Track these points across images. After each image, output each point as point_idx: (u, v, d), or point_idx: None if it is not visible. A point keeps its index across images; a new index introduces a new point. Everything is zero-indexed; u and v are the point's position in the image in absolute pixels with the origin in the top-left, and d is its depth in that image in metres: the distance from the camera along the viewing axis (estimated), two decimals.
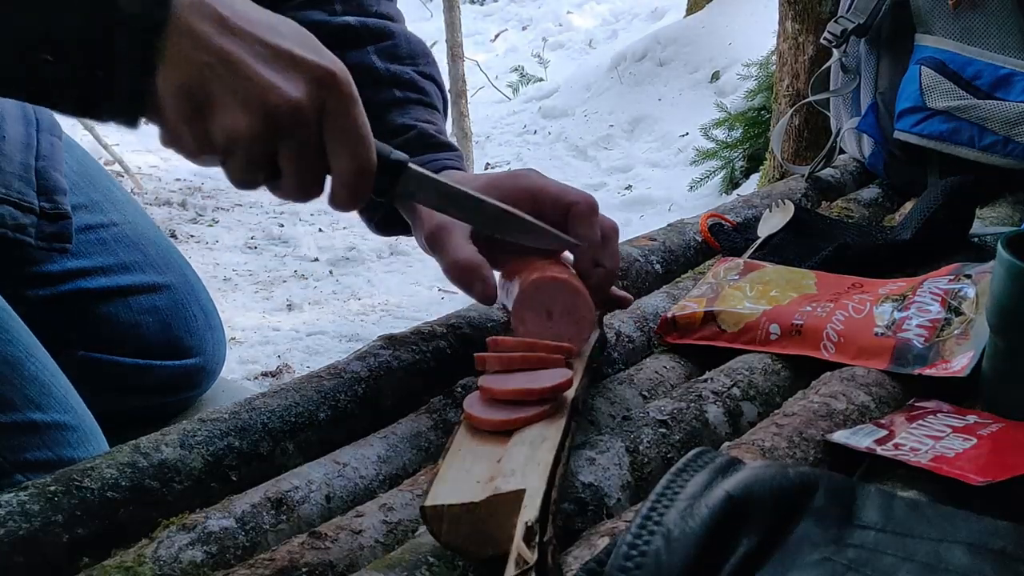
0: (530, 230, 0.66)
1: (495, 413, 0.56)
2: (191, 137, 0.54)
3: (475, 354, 0.61)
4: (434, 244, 0.68)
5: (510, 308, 0.65)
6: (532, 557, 0.44)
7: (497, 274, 0.69)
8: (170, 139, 0.55)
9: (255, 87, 0.53)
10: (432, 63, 0.84)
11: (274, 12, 0.59)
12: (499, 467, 0.51)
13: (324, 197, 0.60)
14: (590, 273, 0.68)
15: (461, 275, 0.66)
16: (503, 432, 0.55)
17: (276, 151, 0.56)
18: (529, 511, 0.46)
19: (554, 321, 0.63)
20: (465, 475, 0.51)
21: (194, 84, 0.53)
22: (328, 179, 0.59)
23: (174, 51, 0.52)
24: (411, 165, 0.62)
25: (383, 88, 0.80)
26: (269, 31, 0.54)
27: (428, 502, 0.49)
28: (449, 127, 5.26)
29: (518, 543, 0.45)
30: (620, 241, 0.93)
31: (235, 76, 0.53)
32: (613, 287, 0.72)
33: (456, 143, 5.13)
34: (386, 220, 0.77)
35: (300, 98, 0.54)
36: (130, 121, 0.54)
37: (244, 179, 0.57)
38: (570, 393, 0.58)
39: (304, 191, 0.58)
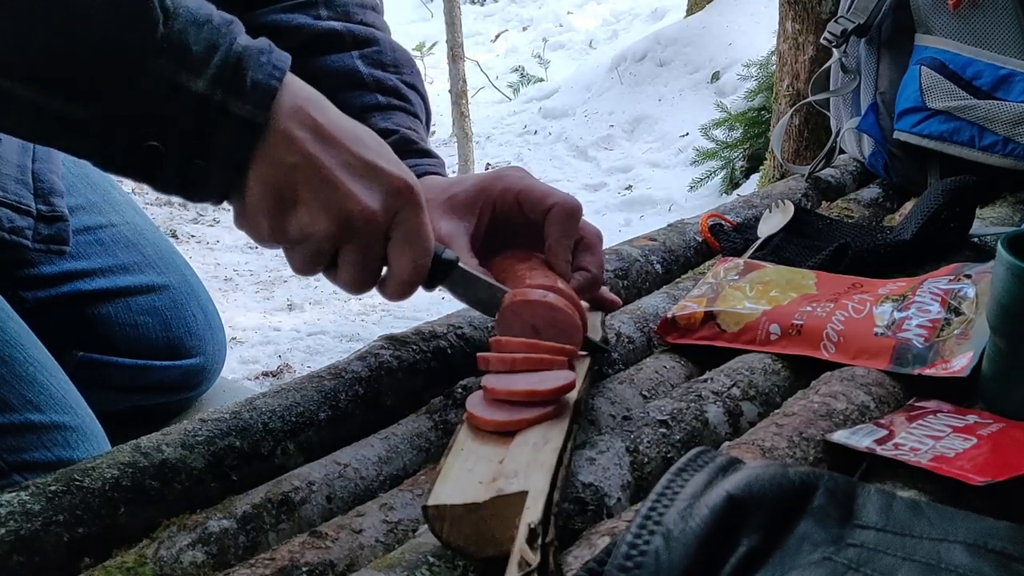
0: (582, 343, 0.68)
1: (498, 413, 0.56)
2: (269, 227, 0.58)
3: (478, 354, 0.61)
4: None
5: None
6: (535, 559, 0.44)
7: None
8: (246, 223, 0.59)
9: (339, 194, 0.57)
10: (416, 74, 0.85)
11: (254, 15, 0.60)
12: (501, 468, 0.51)
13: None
14: (566, 276, 0.69)
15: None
16: (505, 432, 0.55)
17: (341, 248, 0.59)
18: (532, 513, 0.46)
19: (541, 334, 0.64)
20: (467, 475, 0.51)
21: (283, 183, 0.56)
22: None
23: (270, 152, 0.55)
24: (460, 264, 0.65)
25: (366, 92, 0.80)
26: (356, 142, 0.58)
27: (430, 501, 0.49)
28: (450, 127, 5.24)
29: (521, 545, 0.45)
30: (621, 242, 0.94)
31: (321, 181, 0.57)
32: (604, 290, 0.73)
33: (456, 143, 5.11)
34: None
35: (377, 209, 0.58)
36: (216, 202, 0.58)
37: (305, 268, 0.61)
38: (573, 395, 0.58)
39: (359, 285, 0.62)
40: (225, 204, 0.58)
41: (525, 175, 0.72)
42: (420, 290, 0.64)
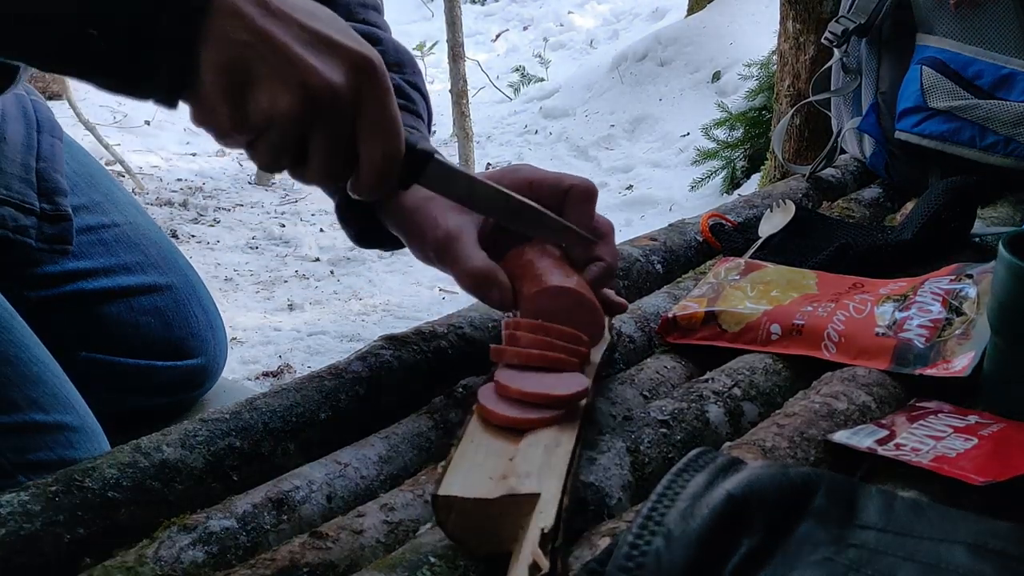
0: (550, 225, 0.66)
1: (509, 409, 0.56)
2: (227, 115, 0.55)
3: (492, 346, 0.61)
4: (443, 254, 0.67)
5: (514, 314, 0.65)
6: (547, 564, 0.44)
7: None
8: (204, 117, 0.56)
9: (296, 68, 0.54)
10: (418, 74, 0.85)
11: None
12: (512, 466, 0.51)
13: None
14: (585, 265, 0.68)
15: (479, 284, 0.66)
16: (515, 428, 0.55)
17: (307, 135, 0.57)
18: (545, 517, 0.46)
19: (562, 323, 0.63)
20: (478, 469, 0.51)
21: (236, 63, 0.53)
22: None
23: (218, 31, 0.53)
24: (438, 156, 0.62)
25: None
26: (309, 16, 0.56)
27: (441, 491, 0.48)
28: (450, 127, 5.23)
29: (534, 549, 0.45)
30: (621, 241, 0.94)
31: (277, 57, 0.54)
32: (612, 292, 0.72)
33: (457, 143, 5.10)
34: (366, 232, 0.76)
35: (339, 82, 0.55)
36: (169, 99, 0.55)
37: (271, 161, 0.58)
38: (583, 401, 0.58)
39: (331, 175, 0.59)
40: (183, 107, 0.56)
41: (535, 168, 0.71)
42: (420, 291, 0.63)
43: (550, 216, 0.66)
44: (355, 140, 0.58)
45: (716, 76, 5.05)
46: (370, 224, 0.73)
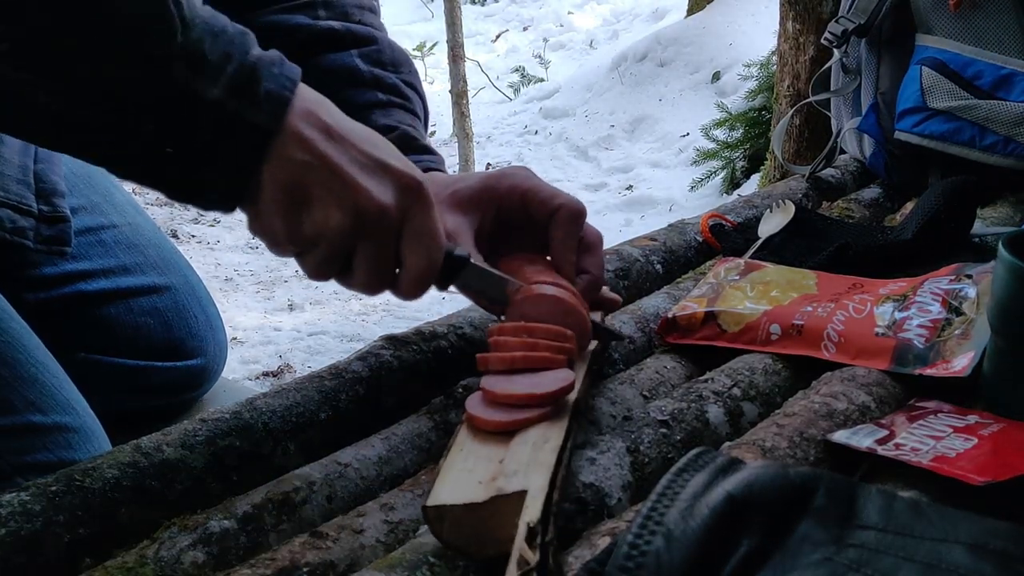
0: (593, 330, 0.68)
1: (497, 414, 0.56)
2: (283, 228, 0.58)
3: (477, 355, 0.61)
4: None
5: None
6: (534, 558, 0.44)
7: None
8: (260, 228, 0.59)
9: (350, 189, 0.58)
10: (414, 73, 0.85)
11: (253, 16, 0.60)
12: (501, 467, 0.51)
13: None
14: (572, 280, 0.69)
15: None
16: (505, 432, 0.55)
17: (354, 248, 0.60)
18: (531, 512, 0.46)
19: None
20: (467, 475, 0.51)
21: (296, 183, 0.57)
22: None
23: (282, 153, 0.56)
24: (472, 261, 0.65)
25: (366, 90, 0.81)
26: (365, 141, 0.59)
27: (430, 502, 0.49)
28: (450, 127, 5.23)
29: (520, 544, 0.45)
30: (621, 241, 0.94)
31: (334, 177, 0.57)
32: (604, 289, 0.73)
33: (457, 143, 5.11)
34: None
35: (389, 204, 0.59)
36: (228, 208, 0.58)
37: (319, 271, 0.61)
38: (572, 395, 0.58)
39: (374, 286, 0.62)
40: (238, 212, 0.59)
41: (531, 175, 0.72)
42: (432, 290, 0.64)
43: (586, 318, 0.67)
44: (399, 252, 0.61)
45: (716, 76, 5.05)
46: None
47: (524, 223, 0.71)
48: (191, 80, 0.52)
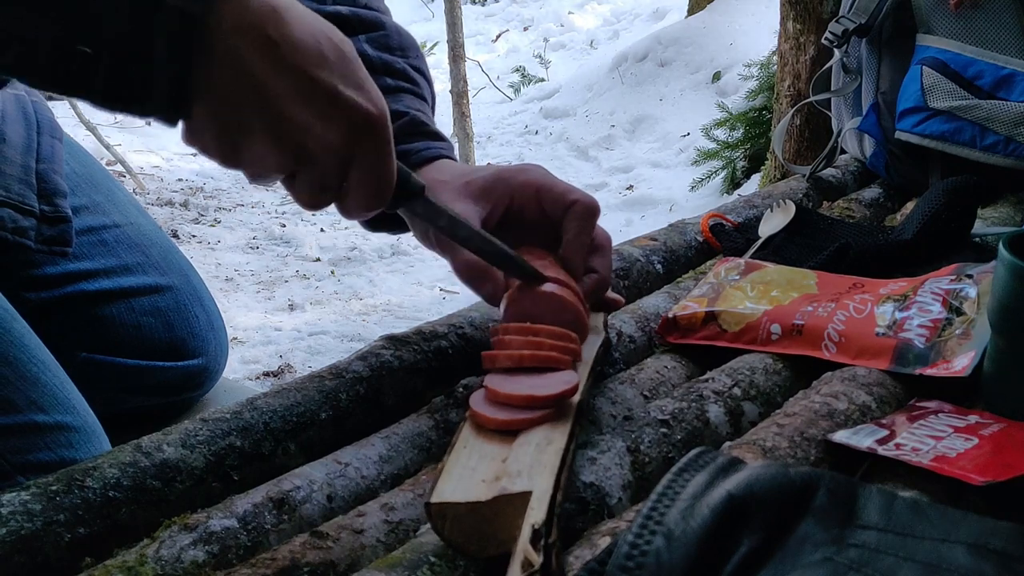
0: (518, 266, 0.67)
1: (501, 413, 0.56)
2: (218, 153, 0.55)
3: (483, 352, 0.61)
4: (443, 242, 0.69)
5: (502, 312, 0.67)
6: (539, 560, 0.44)
7: None
8: (194, 145, 0.55)
9: (291, 126, 0.53)
10: (421, 58, 0.85)
11: None
12: (504, 467, 0.51)
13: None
14: (579, 276, 0.69)
15: (471, 275, 0.68)
16: (509, 431, 0.55)
17: (296, 172, 0.57)
18: (536, 514, 0.46)
19: (545, 320, 0.64)
20: (470, 473, 0.51)
21: (230, 109, 0.52)
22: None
23: (216, 74, 0.51)
24: (427, 195, 0.63)
25: (375, 75, 0.79)
26: (317, 63, 0.53)
27: (433, 499, 0.48)
28: (450, 127, 5.23)
29: (525, 546, 0.45)
30: (622, 241, 0.94)
31: (274, 114, 0.52)
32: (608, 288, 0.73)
33: (457, 143, 5.11)
34: (377, 216, 0.77)
35: (335, 143, 0.55)
36: (168, 121, 0.54)
37: (258, 183, 0.58)
38: (576, 396, 0.58)
39: (314, 207, 0.59)
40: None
41: (547, 172, 0.72)
42: (427, 288, 0.64)
43: (517, 258, 0.67)
44: (346, 178, 0.57)
45: (716, 76, 5.05)
46: None
47: (537, 218, 0.71)
48: None
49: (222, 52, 0.51)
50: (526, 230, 0.72)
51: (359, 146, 0.56)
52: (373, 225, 0.77)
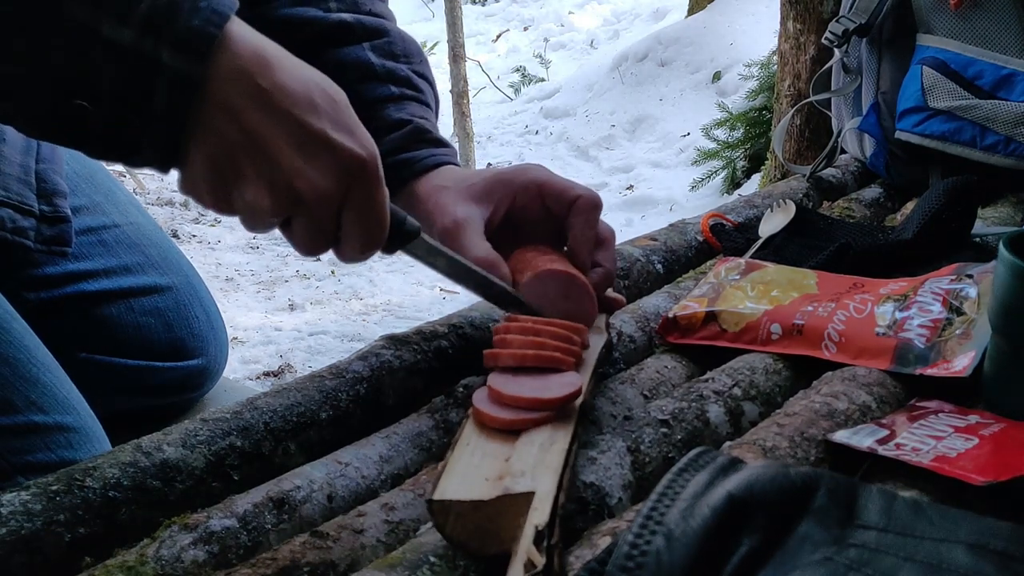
0: (511, 300, 0.68)
1: (504, 412, 0.56)
2: (211, 200, 0.55)
3: (485, 351, 0.61)
4: (449, 241, 0.69)
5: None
6: (542, 561, 0.44)
7: None
8: (189, 193, 0.56)
9: (284, 172, 0.54)
10: (425, 63, 0.85)
11: (264, 10, 0.57)
12: (508, 466, 0.51)
13: None
14: (587, 270, 0.70)
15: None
16: (511, 430, 0.55)
17: (290, 219, 0.57)
18: (539, 515, 0.46)
19: (557, 307, 0.66)
20: (474, 471, 0.51)
21: (223, 156, 0.53)
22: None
23: (209, 122, 0.52)
24: (423, 236, 0.64)
25: (379, 83, 0.80)
26: (307, 109, 0.54)
27: (436, 496, 0.48)
28: (451, 127, 5.23)
29: (528, 547, 0.45)
30: (622, 241, 0.94)
31: (265, 159, 0.53)
32: (608, 289, 0.74)
33: (458, 143, 5.12)
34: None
35: (327, 187, 0.55)
36: (162, 170, 0.54)
37: (254, 231, 0.59)
38: (579, 399, 0.58)
39: (311, 252, 0.60)
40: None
41: (548, 171, 0.73)
42: (427, 289, 0.64)
43: (517, 295, 0.68)
44: (341, 223, 0.58)
45: (716, 76, 5.04)
46: None
47: (540, 216, 0.72)
48: (89, 16, 0.47)
49: (215, 101, 0.51)
50: (529, 229, 0.72)
51: (351, 190, 0.56)
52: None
